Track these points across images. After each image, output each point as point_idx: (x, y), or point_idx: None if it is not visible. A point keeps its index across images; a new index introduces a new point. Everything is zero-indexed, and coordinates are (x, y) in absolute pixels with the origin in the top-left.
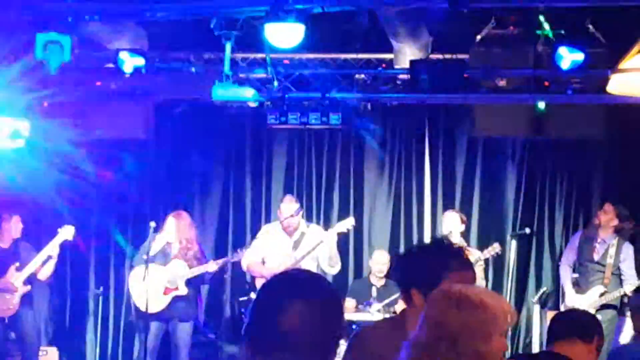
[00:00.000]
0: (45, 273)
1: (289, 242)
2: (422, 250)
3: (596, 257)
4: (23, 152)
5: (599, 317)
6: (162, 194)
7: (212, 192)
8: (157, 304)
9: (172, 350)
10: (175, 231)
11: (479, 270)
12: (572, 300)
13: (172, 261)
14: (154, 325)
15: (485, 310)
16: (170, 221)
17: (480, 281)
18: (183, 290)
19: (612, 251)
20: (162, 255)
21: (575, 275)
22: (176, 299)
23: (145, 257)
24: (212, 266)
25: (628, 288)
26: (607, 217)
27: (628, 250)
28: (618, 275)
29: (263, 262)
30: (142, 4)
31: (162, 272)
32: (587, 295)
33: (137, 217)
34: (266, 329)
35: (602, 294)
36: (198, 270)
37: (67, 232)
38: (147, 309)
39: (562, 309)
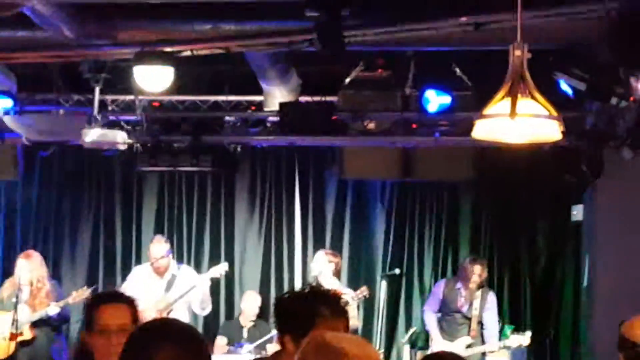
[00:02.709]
0: None
1: (160, 283)
2: (295, 296)
3: (461, 307)
4: None
5: None
6: (30, 236)
7: (81, 234)
8: (3, 350)
9: None
10: (26, 271)
11: (351, 309)
12: (440, 346)
13: (19, 305)
14: None
15: (343, 358)
16: (19, 262)
17: (353, 321)
18: (27, 335)
19: (476, 303)
20: (11, 301)
21: (442, 322)
22: (22, 344)
23: None
24: (52, 309)
25: (489, 347)
26: (475, 275)
27: (493, 299)
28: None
29: None
30: (10, 48)
31: (6, 317)
32: (455, 343)
33: (5, 259)
34: None
35: (468, 346)
36: (39, 314)
37: None
38: None
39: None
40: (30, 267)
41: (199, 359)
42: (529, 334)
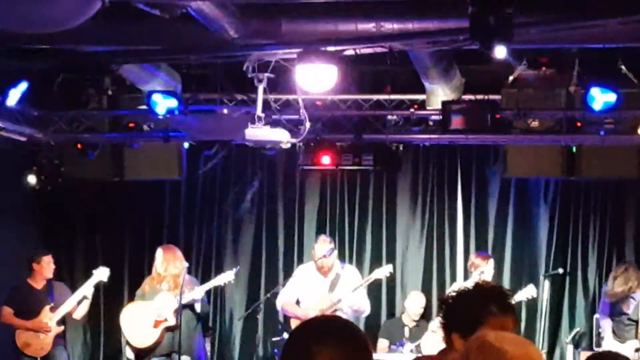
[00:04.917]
0: (80, 312)
1: (324, 282)
2: (463, 294)
3: (627, 310)
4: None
5: None
6: (194, 234)
7: (244, 232)
8: (148, 338)
9: None
10: (162, 263)
11: None
12: (610, 347)
13: (160, 294)
14: None
15: (503, 358)
16: (159, 254)
17: None
18: (172, 321)
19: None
20: (153, 291)
21: (612, 324)
22: (168, 330)
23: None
24: (198, 293)
25: None
26: (632, 281)
27: None
28: None
29: (297, 303)
30: (175, 48)
31: (149, 306)
32: (624, 346)
33: None
34: None
35: (637, 350)
36: (185, 299)
37: (102, 274)
38: (139, 345)
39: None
40: (167, 258)
41: (361, 356)
42: None
